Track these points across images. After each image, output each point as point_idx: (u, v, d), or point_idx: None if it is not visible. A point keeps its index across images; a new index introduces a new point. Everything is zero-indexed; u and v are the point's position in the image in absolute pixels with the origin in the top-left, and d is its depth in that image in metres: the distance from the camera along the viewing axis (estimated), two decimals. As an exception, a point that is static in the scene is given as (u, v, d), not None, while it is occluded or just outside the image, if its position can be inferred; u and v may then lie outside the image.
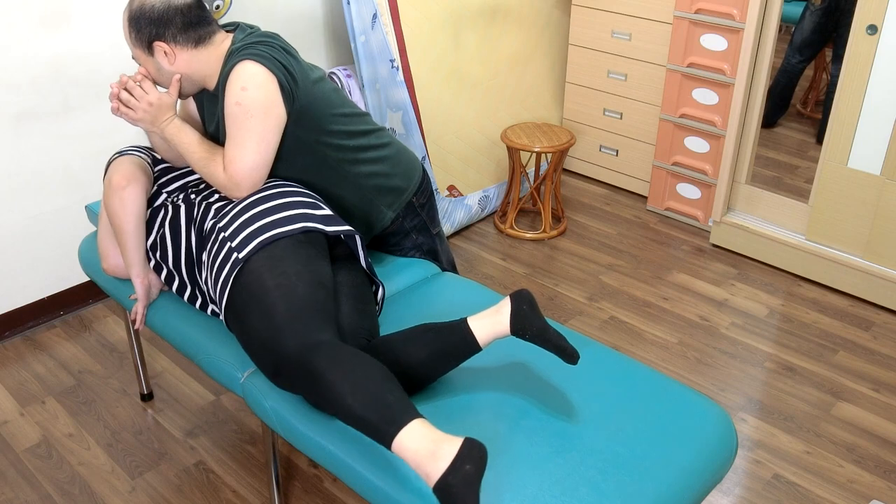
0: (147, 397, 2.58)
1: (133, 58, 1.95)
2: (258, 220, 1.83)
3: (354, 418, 1.53)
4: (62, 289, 2.98)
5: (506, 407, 1.73)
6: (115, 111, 1.96)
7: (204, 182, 2.08)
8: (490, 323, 1.71)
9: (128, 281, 2.19)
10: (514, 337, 1.89)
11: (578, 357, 1.66)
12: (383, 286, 2.04)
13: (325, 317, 1.72)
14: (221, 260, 1.82)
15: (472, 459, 1.42)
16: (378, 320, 1.95)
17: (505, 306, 1.71)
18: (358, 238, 1.94)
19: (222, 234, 1.84)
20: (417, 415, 1.50)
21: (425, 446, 1.45)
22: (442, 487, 1.40)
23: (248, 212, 1.85)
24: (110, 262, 2.16)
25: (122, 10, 1.97)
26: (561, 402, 1.74)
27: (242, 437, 2.43)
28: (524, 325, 1.68)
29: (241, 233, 1.82)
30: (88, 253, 2.35)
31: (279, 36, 1.98)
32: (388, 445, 1.48)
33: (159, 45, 1.88)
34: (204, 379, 2.68)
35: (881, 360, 2.77)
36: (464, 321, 1.72)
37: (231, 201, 1.92)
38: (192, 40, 1.90)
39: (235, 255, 1.79)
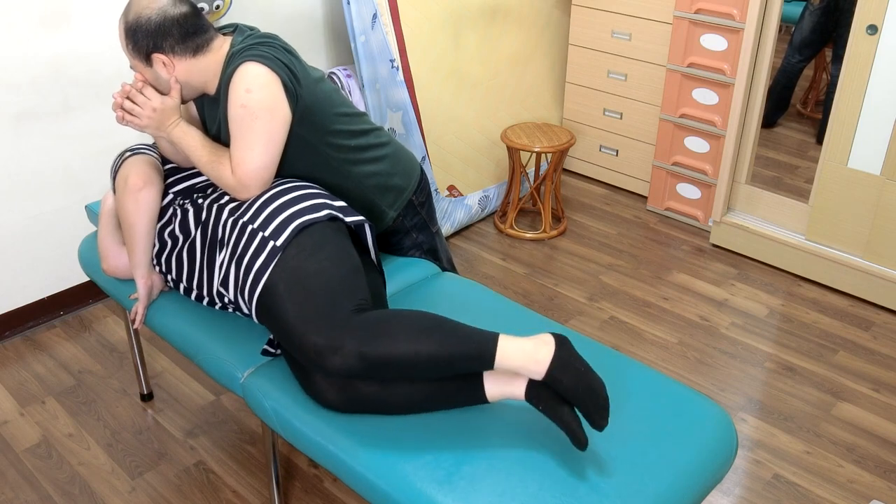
0: (147, 397, 2.58)
1: (131, 67, 1.95)
2: (288, 209, 1.83)
3: (447, 359, 1.60)
4: (62, 289, 2.98)
5: (506, 407, 1.73)
6: (121, 120, 1.96)
7: (211, 185, 2.07)
8: (504, 385, 1.66)
9: (128, 281, 2.19)
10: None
11: (587, 444, 1.56)
12: (385, 282, 2.05)
13: (366, 299, 1.73)
14: (254, 251, 1.80)
15: (567, 342, 1.62)
16: None
17: (521, 380, 1.65)
18: (368, 228, 1.95)
19: (250, 227, 1.82)
20: (494, 332, 1.64)
21: (525, 343, 1.61)
22: (557, 364, 1.58)
23: (272, 203, 1.85)
24: (110, 263, 2.16)
25: (118, 20, 1.95)
26: (561, 402, 1.74)
27: (242, 437, 2.43)
28: (538, 399, 1.62)
29: (272, 222, 1.81)
30: (88, 253, 2.35)
31: (279, 37, 1.98)
32: (492, 363, 1.61)
33: (157, 57, 1.87)
34: (204, 379, 2.68)
35: (881, 360, 2.77)
36: (479, 375, 1.67)
37: (244, 202, 1.92)
38: (191, 49, 1.89)
39: (272, 243, 1.78)
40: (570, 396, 1.57)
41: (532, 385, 1.62)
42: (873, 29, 2.76)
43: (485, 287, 2.18)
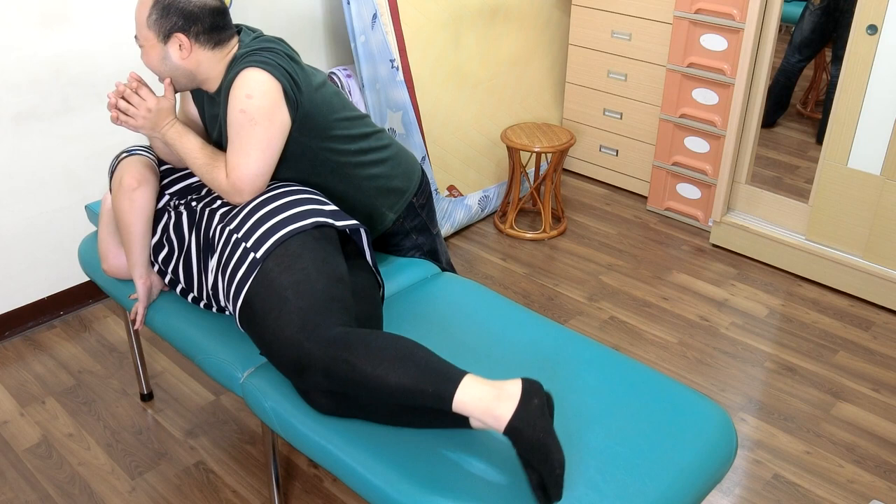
0: (147, 397, 2.58)
1: (136, 36, 1.92)
2: (271, 219, 1.82)
3: (407, 392, 1.55)
4: (62, 289, 2.98)
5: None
6: (115, 120, 1.96)
7: (205, 187, 2.07)
8: (483, 421, 1.53)
9: (128, 281, 2.19)
10: (510, 342, 1.89)
11: None
12: (384, 285, 2.05)
13: (344, 311, 1.72)
14: (237, 261, 1.80)
15: (536, 394, 1.48)
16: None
17: (500, 427, 1.50)
18: (363, 232, 1.94)
19: (235, 236, 1.83)
20: (464, 371, 1.55)
21: (487, 393, 1.50)
22: (516, 425, 1.45)
23: (258, 211, 1.85)
24: (111, 263, 2.16)
25: None
26: (561, 402, 1.74)
27: (242, 437, 2.43)
28: (516, 440, 1.48)
29: (255, 232, 1.81)
30: (88, 253, 2.35)
31: (283, 41, 1.97)
32: (450, 406, 1.52)
33: (179, 37, 1.86)
34: (204, 379, 2.68)
35: (881, 360, 2.77)
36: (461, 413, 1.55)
37: (235, 206, 1.92)
38: (212, 42, 1.90)
39: (252, 255, 1.78)
40: (524, 459, 1.45)
41: (509, 431, 1.49)
42: (873, 29, 2.76)
43: (485, 287, 2.18)
